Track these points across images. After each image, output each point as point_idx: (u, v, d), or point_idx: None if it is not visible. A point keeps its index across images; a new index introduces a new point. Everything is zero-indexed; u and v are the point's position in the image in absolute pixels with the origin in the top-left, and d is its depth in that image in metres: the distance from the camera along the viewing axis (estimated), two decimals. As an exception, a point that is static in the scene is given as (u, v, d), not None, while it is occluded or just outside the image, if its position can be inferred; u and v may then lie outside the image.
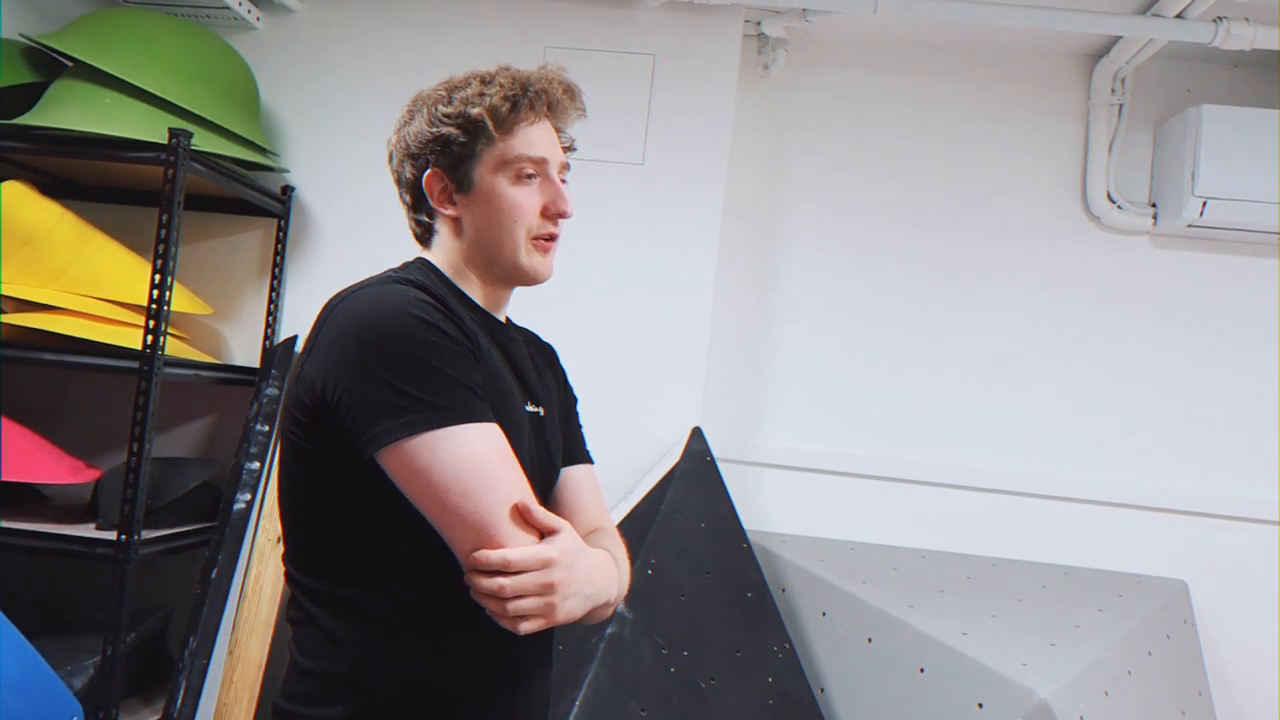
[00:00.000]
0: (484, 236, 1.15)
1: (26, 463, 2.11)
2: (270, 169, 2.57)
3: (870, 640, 2.27)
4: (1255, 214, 2.43)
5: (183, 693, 2.11)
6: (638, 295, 2.55)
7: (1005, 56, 2.72)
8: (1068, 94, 2.70)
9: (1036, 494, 2.61)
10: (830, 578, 2.39)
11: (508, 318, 1.26)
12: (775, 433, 2.70)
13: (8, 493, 2.28)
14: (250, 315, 2.65)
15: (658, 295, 2.55)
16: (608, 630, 1.99)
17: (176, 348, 2.34)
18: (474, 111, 1.13)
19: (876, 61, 2.75)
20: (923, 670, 2.15)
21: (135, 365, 2.09)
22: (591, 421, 1.40)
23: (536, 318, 1.40)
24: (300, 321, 2.63)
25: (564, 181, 1.19)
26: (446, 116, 1.14)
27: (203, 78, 2.34)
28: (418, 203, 1.19)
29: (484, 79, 1.16)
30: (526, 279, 1.18)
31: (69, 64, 2.29)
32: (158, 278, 2.09)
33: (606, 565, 1.09)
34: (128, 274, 2.25)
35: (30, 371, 2.42)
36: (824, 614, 2.37)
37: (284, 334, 2.62)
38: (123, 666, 2.04)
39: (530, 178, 1.15)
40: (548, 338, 1.39)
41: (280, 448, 1.09)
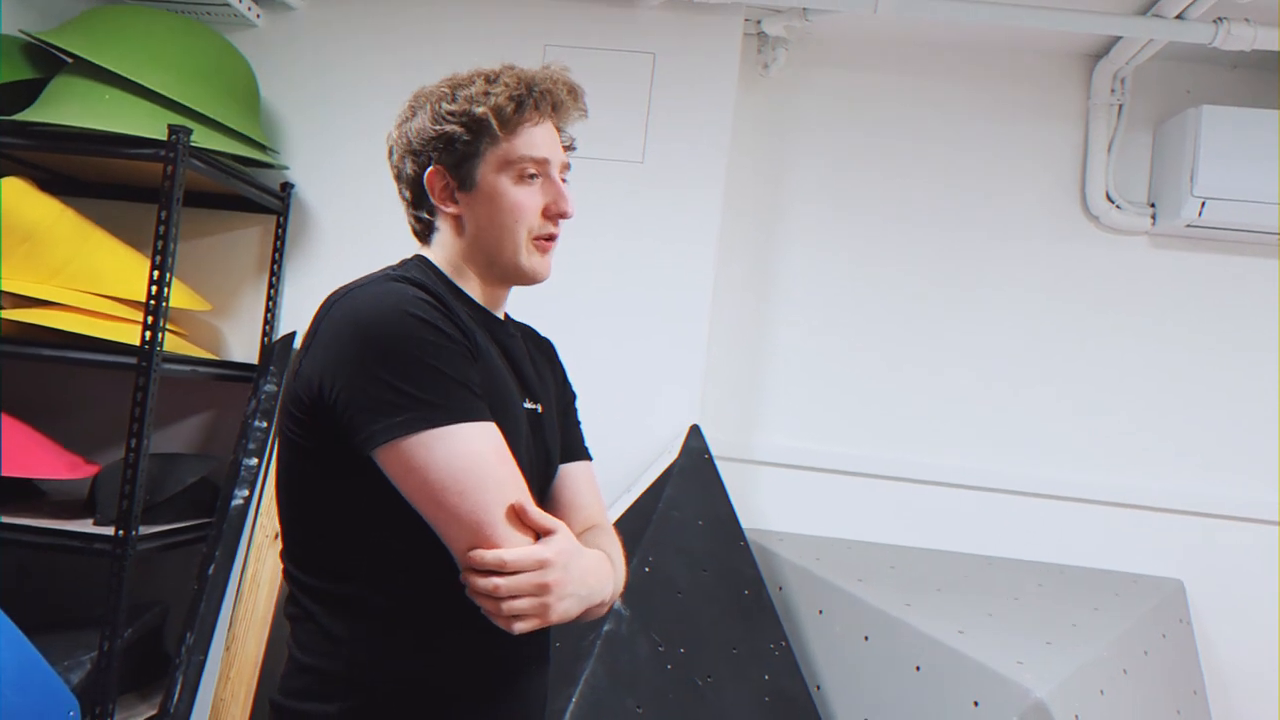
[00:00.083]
0: (485, 235, 1.15)
1: (25, 458, 2.12)
2: (270, 166, 2.57)
3: (867, 638, 2.27)
4: (1254, 214, 2.43)
5: (180, 688, 2.12)
6: (637, 293, 2.56)
7: (1005, 56, 2.72)
8: (1067, 94, 2.71)
9: (1034, 493, 2.61)
10: (827, 576, 2.39)
11: (506, 314, 1.26)
12: (773, 431, 2.70)
13: (6, 488, 2.28)
14: (249, 312, 2.65)
15: (657, 293, 2.55)
16: (605, 627, 2.00)
17: (175, 344, 2.35)
18: (479, 110, 1.12)
19: (876, 61, 2.75)
20: (919, 668, 2.16)
21: (134, 361, 2.09)
22: (590, 418, 1.41)
23: (535, 315, 1.40)
24: (299, 318, 2.63)
25: (564, 181, 1.19)
26: (450, 114, 1.13)
27: (202, 74, 2.34)
28: (418, 199, 1.19)
29: (489, 78, 1.16)
30: (526, 279, 1.18)
31: (69, 60, 2.29)
32: (157, 274, 2.10)
33: (602, 565, 1.09)
34: (127, 270, 2.25)
35: (29, 367, 2.42)
36: (821, 612, 2.37)
37: (282, 331, 2.62)
38: (120, 662, 2.04)
39: (532, 178, 1.15)
40: (546, 334, 1.39)
41: (278, 445, 1.09)
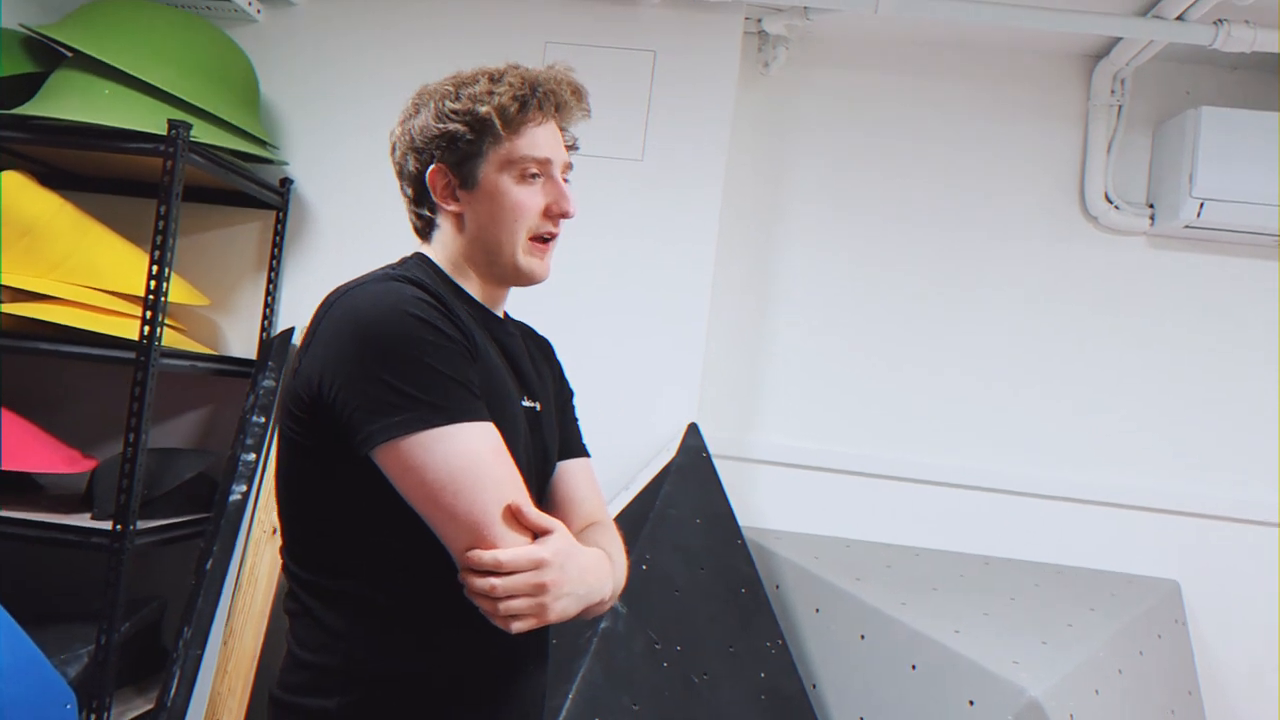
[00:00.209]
0: (485, 234, 1.16)
1: (23, 452, 2.12)
2: (269, 161, 2.57)
3: (863, 637, 2.28)
4: (1252, 216, 2.43)
5: (177, 682, 2.12)
6: (636, 291, 2.56)
7: (1005, 57, 2.72)
8: (1067, 95, 2.71)
9: (1030, 493, 2.62)
10: (824, 574, 2.40)
11: (505, 313, 1.26)
12: (771, 430, 2.70)
13: (4, 482, 2.28)
14: (247, 307, 2.65)
15: (656, 291, 2.55)
16: (602, 625, 2.00)
17: (173, 339, 2.35)
18: (482, 110, 1.12)
19: (877, 60, 2.75)
20: (915, 667, 2.16)
21: (132, 356, 2.09)
22: (588, 416, 1.41)
23: (535, 313, 1.40)
24: (297, 314, 2.63)
25: (567, 181, 1.19)
26: (454, 113, 1.13)
27: (202, 70, 2.34)
28: (419, 197, 1.19)
29: (493, 77, 1.15)
30: (524, 279, 1.18)
31: (68, 54, 2.29)
32: (155, 269, 2.10)
33: (600, 564, 1.09)
34: (126, 265, 2.25)
35: (28, 361, 2.42)
36: (817, 610, 2.38)
37: (281, 326, 2.62)
38: (117, 656, 2.05)
39: (534, 177, 1.15)
40: (545, 332, 1.39)
41: (278, 442, 1.10)
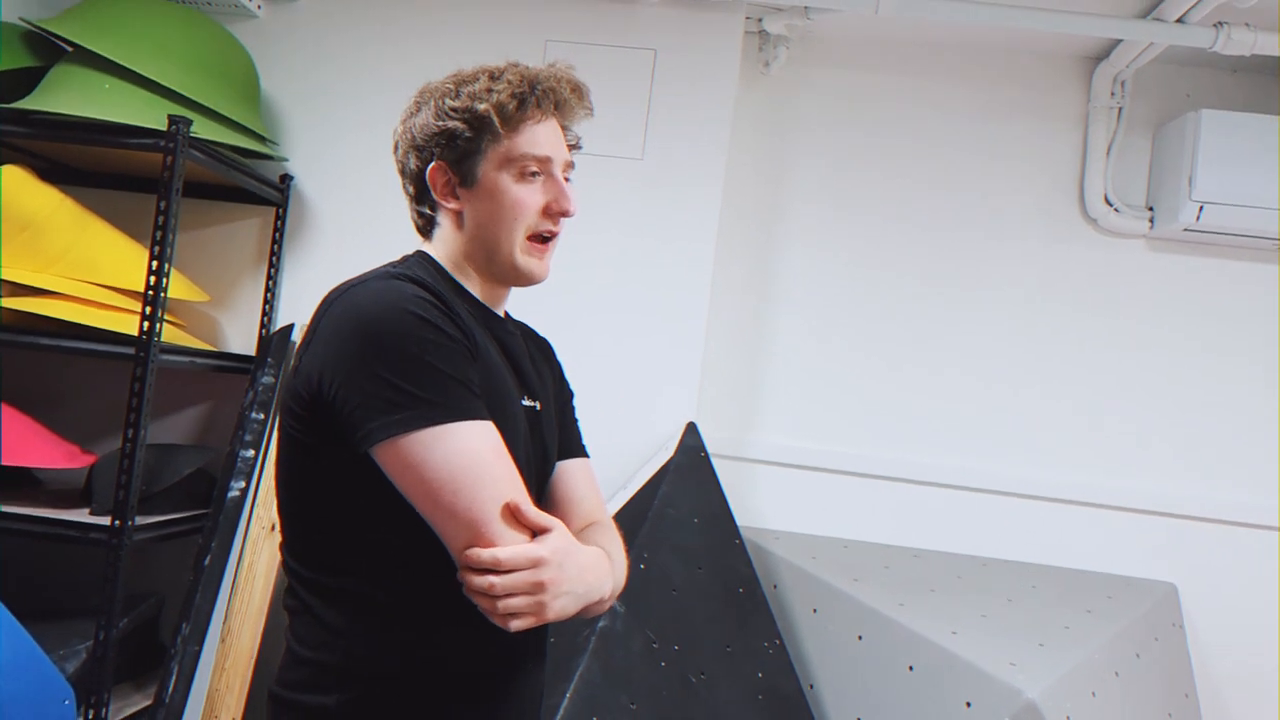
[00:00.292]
0: (484, 232, 1.16)
1: (22, 447, 2.12)
2: (269, 157, 2.56)
3: (860, 638, 2.28)
4: (1252, 219, 2.44)
5: (175, 678, 2.12)
6: (635, 290, 2.56)
7: (1006, 58, 2.72)
8: (1067, 96, 2.71)
9: (1028, 495, 2.62)
10: (822, 575, 2.40)
11: (506, 312, 1.27)
12: (770, 430, 2.70)
13: (3, 476, 2.28)
14: (247, 303, 2.65)
15: (655, 290, 2.55)
16: (600, 624, 2.00)
17: (173, 334, 2.35)
18: (481, 107, 1.12)
19: (877, 61, 2.75)
20: (912, 668, 2.17)
21: (131, 351, 2.09)
22: (587, 415, 1.41)
23: (534, 312, 1.41)
24: (297, 310, 2.63)
25: (568, 180, 1.19)
26: (453, 110, 1.13)
27: (203, 65, 2.34)
28: (420, 195, 1.19)
29: (492, 75, 1.16)
30: (522, 279, 1.19)
31: (69, 49, 2.28)
32: (155, 264, 2.09)
33: (599, 563, 1.09)
34: (125, 260, 2.25)
35: (27, 356, 2.42)
36: (815, 611, 2.38)
37: (280, 323, 2.62)
38: (115, 651, 2.05)
39: (534, 175, 1.15)
40: (545, 331, 1.39)
41: (278, 440, 1.10)
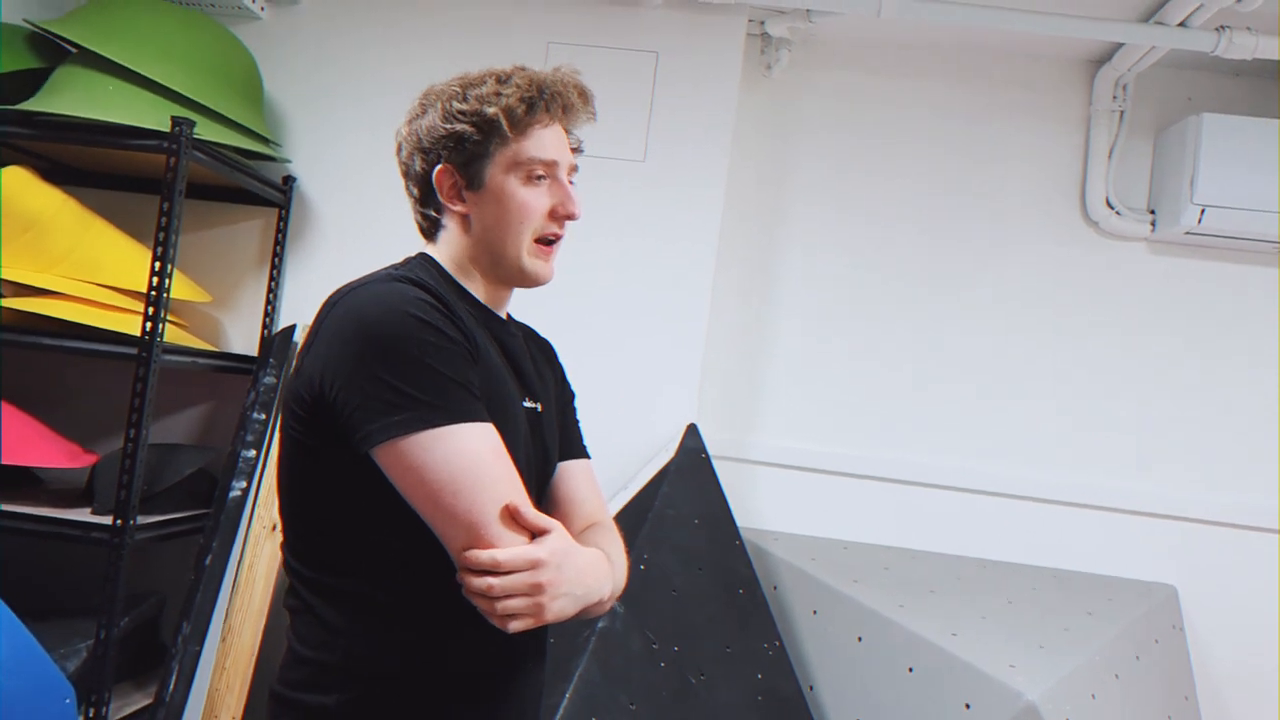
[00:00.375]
0: (490, 235, 1.16)
1: (24, 446, 2.12)
2: (272, 159, 2.57)
3: (860, 639, 2.28)
4: (1253, 223, 2.44)
5: (175, 678, 2.12)
6: (636, 291, 2.56)
7: (1008, 61, 2.73)
8: (1069, 100, 2.71)
9: (1028, 497, 2.62)
10: (822, 576, 2.40)
11: (508, 314, 1.27)
12: (770, 431, 2.70)
13: (4, 476, 2.28)
14: (249, 304, 2.65)
15: (656, 291, 2.56)
16: (599, 624, 2.00)
17: (175, 335, 2.35)
18: (489, 111, 1.13)
19: (879, 64, 2.76)
20: (912, 670, 2.17)
21: (134, 351, 2.10)
22: (588, 416, 1.41)
23: (536, 313, 1.41)
24: (299, 311, 2.63)
25: (572, 183, 1.20)
26: (461, 113, 1.14)
27: (206, 67, 2.34)
28: (425, 197, 1.20)
29: (500, 78, 1.16)
30: (528, 281, 1.19)
31: (73, 50, 2.29)
32: (158, 265, 2.10)
33: (599, 564, 1.10)
34: (128, 261, 2.26)
35: (29, 356, 2.42)
36: (815, 612, 2.38)
37: (282, 323, 2.62)
38: (116, 651, 2.05)
39: (541, 179, 1.16)
40: (546, 332, 1.40)
41: (280, 441, 1.10)
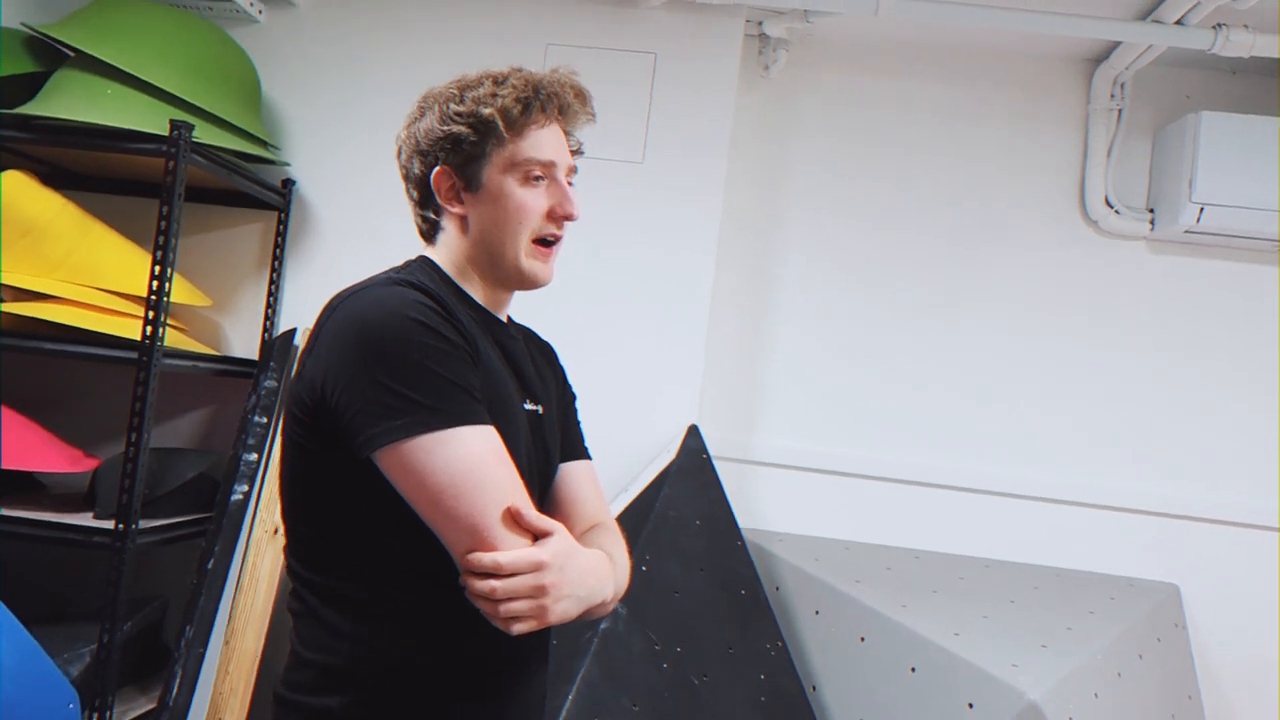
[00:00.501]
0: (489, 236, 1.16)
1: (25, 451, 2.12)
2: (271, 162, 2.57)
3: (863, 639, 2.28)
4: (1252, 221, 2.44)
5: (179, 682, 2.12)
6: (636, 292, 2.56)
7: (1005, 60, 2.73)
8: (1067, 98, 2.71)
9: (1030, 496, 2.62)
10: (824, 577, 2.40)
11: (509, 316, 1.27)
12: (772, 432, 2.70)
13: (6, 481, 2.28)
14: (249, 308, 2.65)
15: (656, 292, 2.56)
16: (602, 626, 2.00)
17: (175, 339, 2.35)
18: (486, 112, 1.13)
19: (876, 64, 2.76)
20: (914, 670, 2.17)
21: (134, 356, 2.10)
22: (589, 417, 1.41)
23: (536, 314, 1.41)
24: (299, 315, 2.63)
25: (570, 184, 1.20)
26: (458, 115, 1.14)
27: (204, 70, 2.34)
28: (424, 199, 1.20)
29: (497, 79, 1.16)
30: (527, 282, 1.19)
31: (70, 54, 2.29)
32: (158, 269, 2.10)
33: (601, 565, 1.10)
34: (128, 265, 2.26)
35: (30, 360, 2.42)
36: (817, 612, 2.38)
37: (282, 327, 2.62)
38: (119, 655, 2.05)
39: (538, 180, 1.16)
40: (546, 334, 1.40)
41: (281, 444, 1.10)
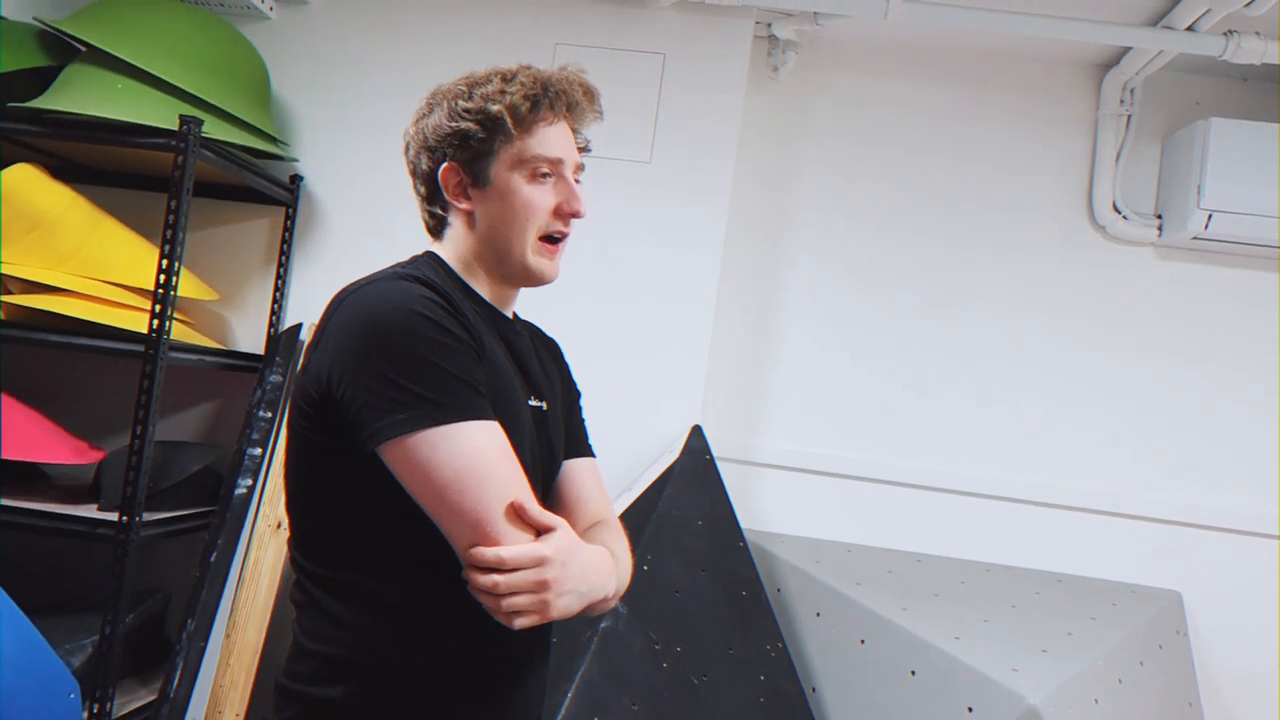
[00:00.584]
0: (495, 233, 1.17)
1: (31, 442, 2.13)
2: (280, 158, 2.58)
3: (863, 642, 2.28)
4: (1260, 228, 2.43)
5: (180, 674, 2.13)
6: (642, 292, 2.56)
7: (1015, 65, 2.72)
8: (1076, 104, 2.71)
9: (1032, 501, 2.61)
10: (825, 579, 2.40)
11: (514, 313, 1.27)
12: (775, 434, 2.70)
13: (11, 472, 2.30)
14: (256, 303, 2.66)
15: (662, 292, 2.56)
16: (602, 624, 2.01)
17: (182, 333, 2.36)
18: (494, 108, 1.13)
19: (885, 67, 2.76)
20: (914, 673, 2.17)
21: (140, 349, 2.10)
22: (593, 417, 1.42)
23: (541, 313, 1.41)
24: (305, 310, 2.64)
25: (578, 181, 1.20)
26: (466, 112, 1.15)
27: (215, 66, 2.35)
28: (432, 195, 1.20)
29: (505, 76, 1.17)
30: (533, 279, 1.19)
31: (82, 49, 2.30)
32: (165, 263, 2.11)
33: (603, 561, 1.10)
34: (136, 259, 2.27)
35: (36, 353, 2.44)
36: (818, 614, 2.38)
37: (289, 322, 2.63)
38: (121, 647, 2.06)
39: (545, 177, 1.16)
40: (551, 332, 1.40)
41: (287, 438, 1.11)
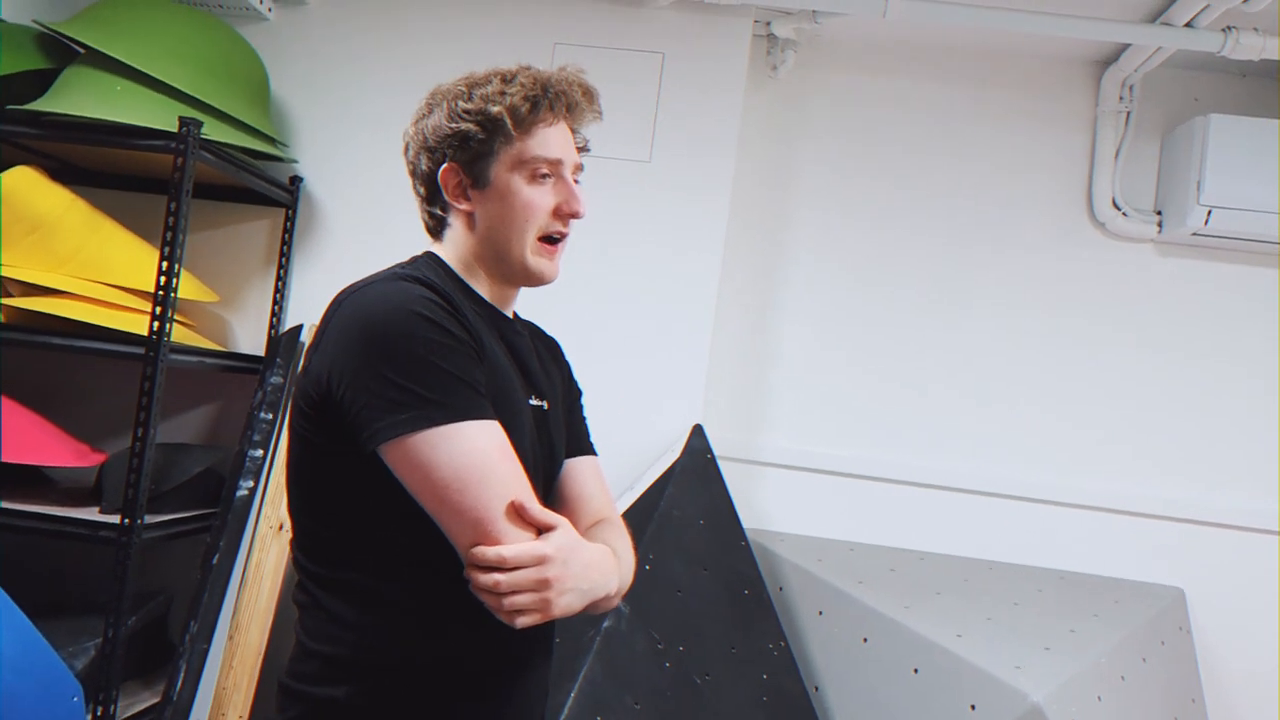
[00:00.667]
0: (495, 234, 1.17)
1: (32, 445, 2.13)
2: (279, 159, 2.58)
3: (866, 640, 2.28)
4: (1260, 224, 2.43)
5: (183, 676, 2.13)
6: (642, 291, 2.56)
7: (1014, 62, 2.72)
8: (1076, 100, 2.71)
9: (1035, 498, 2.61)
10: (827, 577, 2.40)
11: (515, 313, 1.27)
12: (776, 432, 2.70)
13: (13, 475, 2.29)
14: (256, 304, 2.66)
15: (662, 292, 2.56)
16: (604, 624, 2.01)
17: (182, 335, 2.36)
18: (494, 109, 1.14)
19: (884, 65, 2.75)
20: (917, 671, 2.17)
21: (141, 351, 2.10)
22: (594, 416, 1.42)
23: (541, 313, 1.41)
24: (306, 311, 2.64)
25: (577, 182, 1.20)
26: (466, 112, 1.15)
27: (214, 67, 2.35)
28: (432, 195, 1.20)
29: (505, 77, 1.17)
30: (533, 279, 1.19)
31: (81, 51, 2.30)
32: (165, 265, 2.11)
33: (605, 560, 1.10)
34: (136, 261, 2.27)
35: (37, 355, 2.44)
36: (820, 613, 2.38)
37: (289, 323, 2.63)
38: (124, 649, 2.06)
39: (545, 178, 1.17)
40: (552, 331, 1.40)
41: (288, 438, 1.11)
